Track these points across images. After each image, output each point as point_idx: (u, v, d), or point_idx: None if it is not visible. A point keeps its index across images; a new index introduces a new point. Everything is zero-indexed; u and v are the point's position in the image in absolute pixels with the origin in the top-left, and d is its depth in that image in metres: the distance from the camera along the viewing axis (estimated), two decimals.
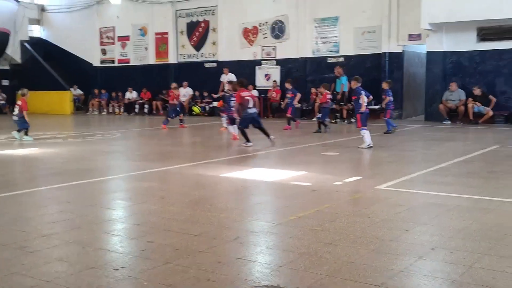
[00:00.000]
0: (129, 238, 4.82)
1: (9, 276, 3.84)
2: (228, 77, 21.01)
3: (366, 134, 10.89)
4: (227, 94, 14.17)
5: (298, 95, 17.02)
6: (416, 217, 5.45)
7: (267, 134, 11.61)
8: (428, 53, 18.17)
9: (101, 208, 6.08)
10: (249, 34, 22.25)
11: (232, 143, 12.42)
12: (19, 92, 14.26)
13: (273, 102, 20.99)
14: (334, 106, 17.62)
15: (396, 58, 19.15)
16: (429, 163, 9.00)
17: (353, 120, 16.72)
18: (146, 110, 23.96)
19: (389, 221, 5.24)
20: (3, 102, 26.28)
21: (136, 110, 24.26)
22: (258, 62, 22.14)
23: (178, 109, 16.80)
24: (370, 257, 4.13)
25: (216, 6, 22.86)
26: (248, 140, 11.44)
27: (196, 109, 20.04)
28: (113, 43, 26.27)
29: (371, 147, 10.84)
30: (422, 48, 18.78)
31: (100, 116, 24.88)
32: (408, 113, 19.83)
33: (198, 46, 23.84)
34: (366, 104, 11.15)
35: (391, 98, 14.20)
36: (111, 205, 6.23)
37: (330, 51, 20.46)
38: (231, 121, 13.03)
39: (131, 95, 24.72)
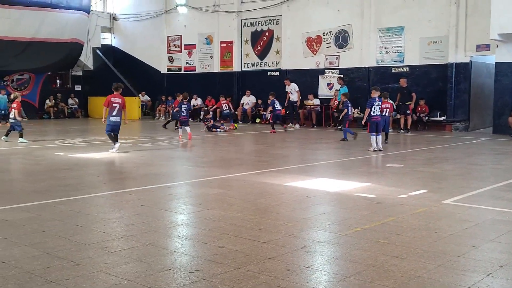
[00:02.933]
0: (201, 242, 5.07)
1: (94, 273, 4.16)
2: (290, 87, 21.23)
3: (372, 139, 12.59)
4: (184, 102, 15.47)
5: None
6: (484, 234, 5.41)
7: (116, 140, 11.95)
8: (497, 64, 17.63)
9: (174, 212, 6.40)
10: (313, 43, 22.36)
11: (290, 153, 12.53)
12: (12, 95, 14.84)
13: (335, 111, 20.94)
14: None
15: (463, 69, 18.73)
16: (497, 178, 8.83)
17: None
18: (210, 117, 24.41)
19: (457, 236, 5.24)
20: (75, 106, 27.58)
21: (201, 117, 24.80)
22: (321, 71, 22.19)
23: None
24: (437, 272, 4.19)
25: (281, 15, 23.13)
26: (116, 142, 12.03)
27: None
28: (180, 51, 27.05)
29: (375, 150, 12.39)
30: (491, 59, 18.26)
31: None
32: (475, 125, 19.32)
33: (262, 55, 24.18)
34: (375, 114, 12.58)
35: (349, 110, 15.44)
36: (182, 210, 6.52)
37: (395, 61, 20.25)
38: (182, 124, 15.11)
39: (196, 102, 25.33)
